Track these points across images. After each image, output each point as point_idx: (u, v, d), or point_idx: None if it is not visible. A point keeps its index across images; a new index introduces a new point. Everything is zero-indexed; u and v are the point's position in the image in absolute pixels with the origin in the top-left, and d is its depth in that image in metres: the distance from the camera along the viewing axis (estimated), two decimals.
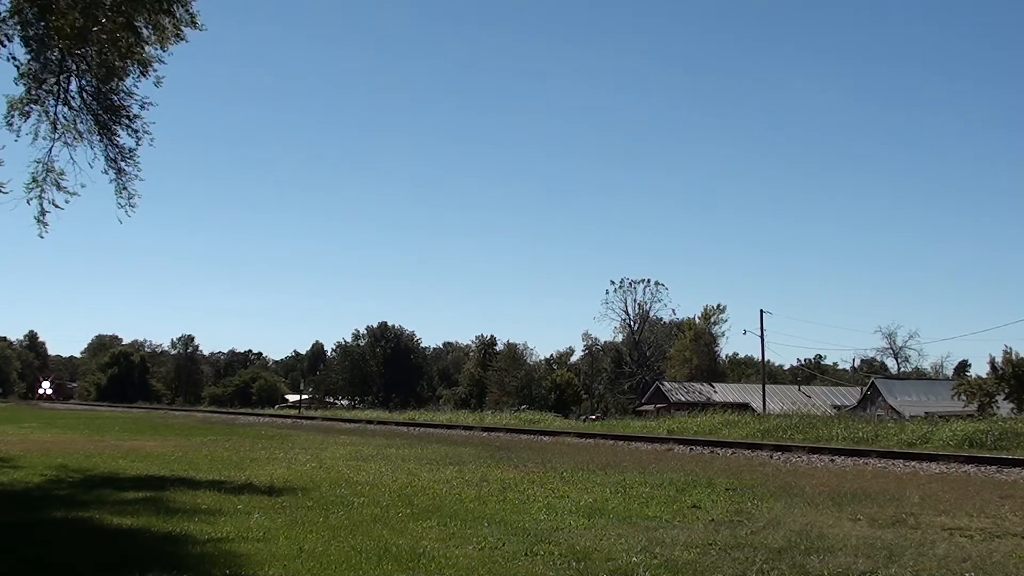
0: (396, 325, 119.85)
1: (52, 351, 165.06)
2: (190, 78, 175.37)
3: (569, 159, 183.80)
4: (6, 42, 13.62)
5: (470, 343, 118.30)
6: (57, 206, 14.69)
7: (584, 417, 55.84)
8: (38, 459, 15.90)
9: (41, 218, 14.65)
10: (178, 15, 14.13)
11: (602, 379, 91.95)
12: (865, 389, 71.58)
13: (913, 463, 16.94)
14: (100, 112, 14.83)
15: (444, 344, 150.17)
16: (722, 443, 21.91)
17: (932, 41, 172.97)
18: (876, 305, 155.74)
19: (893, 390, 67.59)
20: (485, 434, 27.77)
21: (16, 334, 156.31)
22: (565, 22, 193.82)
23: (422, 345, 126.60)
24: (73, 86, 14.71)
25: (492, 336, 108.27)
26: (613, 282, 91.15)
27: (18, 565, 6.73)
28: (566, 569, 6.81)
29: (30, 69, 14.08)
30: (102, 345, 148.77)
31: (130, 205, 15.17)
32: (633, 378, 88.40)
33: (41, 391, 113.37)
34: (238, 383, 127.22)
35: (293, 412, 65.24)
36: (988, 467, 15.93)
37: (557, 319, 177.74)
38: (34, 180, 14.57)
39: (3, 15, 13.41)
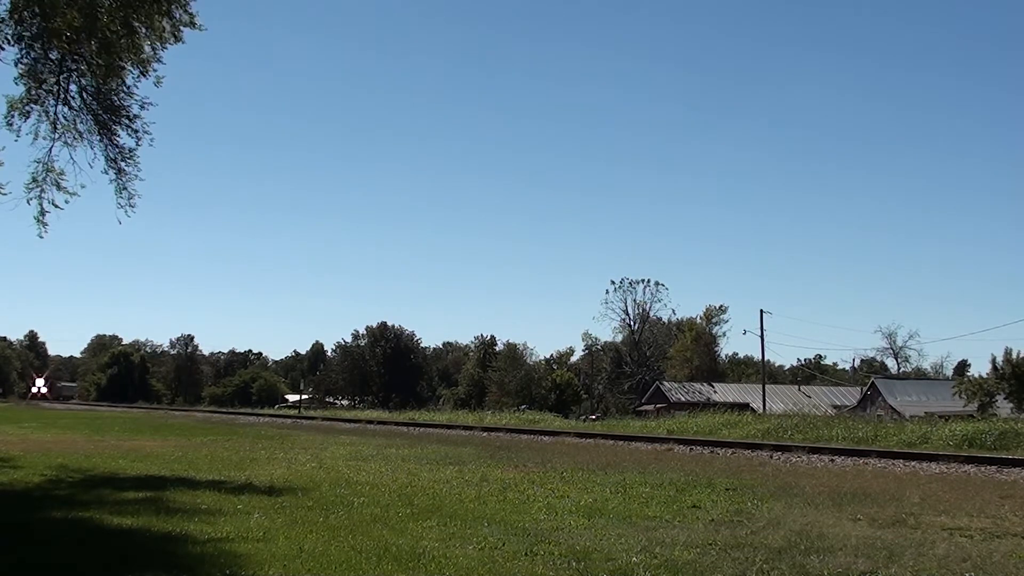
0: (396, 325, 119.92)
1: (52, 351, 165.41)
2: (190, 78, 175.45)
3: (570, 159, 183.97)
4: (5, 44, 13.63)
5: (470, 343, 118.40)
6: (57, 206, 14.71)
7: (584, 417, 55.83)
8: (38, 459, 15.90)
9: (41, 218, 14.66)
10: (177, 16, 14.14)
11: (602, 379, 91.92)
12: (865, 389, 71.60)
13: (913, 463, 16.94)
14: (100, 112, 14.83)
15: (444, 344, 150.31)
16: (722, 443, 21.90)
17: (933, 41, 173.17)
18: (876, 305, 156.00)
19: (893, 390, 67.62)
20: (485, 434, 27.75)
21: (16, 334, 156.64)
22: (566, 22, 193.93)
23: (422, 345, 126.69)
24: (73, 86, 14.71)
25: (492, 336, 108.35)
26: (613, 282, 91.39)
27: (18, 565, 6.73)
28: (566, 569, 6.81)
29: (30, 69, 14.08)
30: (102, 345, 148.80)
31: (130, 205, 15.19)
32: (633, 378, 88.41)
33: (35, 389, 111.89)
34: (238, 383, 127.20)
35: (293, 412, 65.21)
36: (988, 467, 15.92)
37: (557, 319, 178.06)
38: (34, 180, 14.58)
39: (2, 15, 13.42)
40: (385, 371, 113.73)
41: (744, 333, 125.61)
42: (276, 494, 10.94)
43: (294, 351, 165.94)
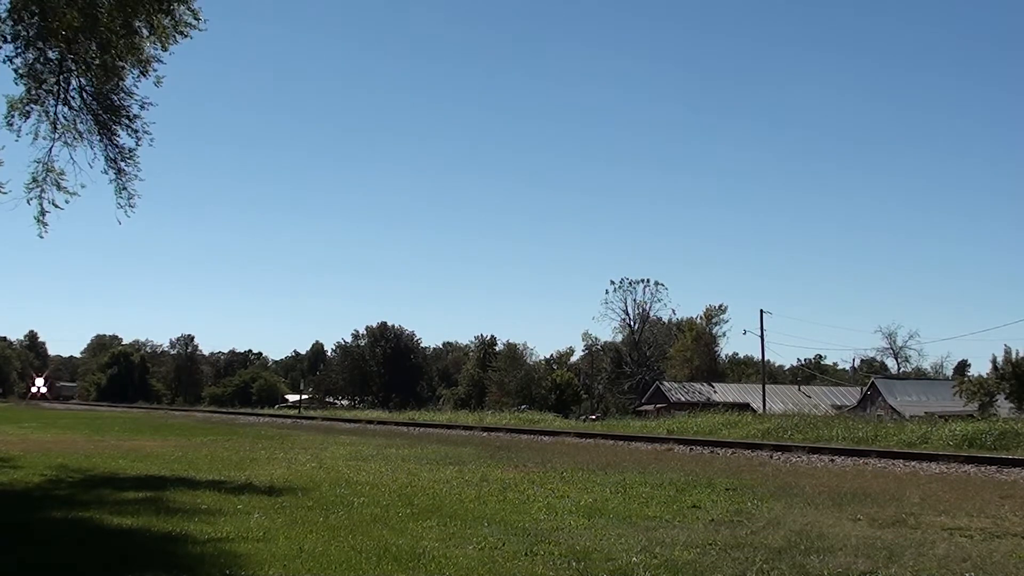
0: (396, 325, 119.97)
1: (52, 351, 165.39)
2: (190, 78, 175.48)
3: (570, 159, 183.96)
4: (5, 42, 13.62)
5: (470, 343, 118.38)
6: (57, 206, 14.72)
7: (584, 417, 55.81)
8: (38, 459, 15.90)
9: (41, 218, 14.68)
10: (178, 15, 14.14)
11: (602, 379, 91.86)
12: (865, 389, 71.57)
13: (913, 463, 16.94)
14: (100, 112, 14.84)
15: (444, 344, 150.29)
16: (722, 443, 21.90)
17: (933, 41, 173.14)
18: (876, 305, 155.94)
19: (893, 390, 67.59)
20: (485, 434, 27.75)
21: (16, 334, 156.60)
22: (566, 22, 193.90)
23: (422, 345, 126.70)
24: (73, 86, 14.72)
25: (492, 336, 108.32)
26: (613, 282, 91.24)
27: (18, 565, 6.73)
28: (566, 569, 6.81)
29: (30, 69, 14.08)
30: (102, 345, 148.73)
31: (130, 205, 15.20)
32: (633, 378, 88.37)
33: (35, 389, 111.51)
34: (238, 383, 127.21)
35: (293, 412, 65.20)
36: (988, 467, 15.92)
37: (557, 319, 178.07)
38: (34, 180, 14.59)
39: (1, 15, 13.42)
40: (385, 371, 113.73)
41: (744, 333, 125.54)
42: (276, 494, 10.94)
43: (294, 351, 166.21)
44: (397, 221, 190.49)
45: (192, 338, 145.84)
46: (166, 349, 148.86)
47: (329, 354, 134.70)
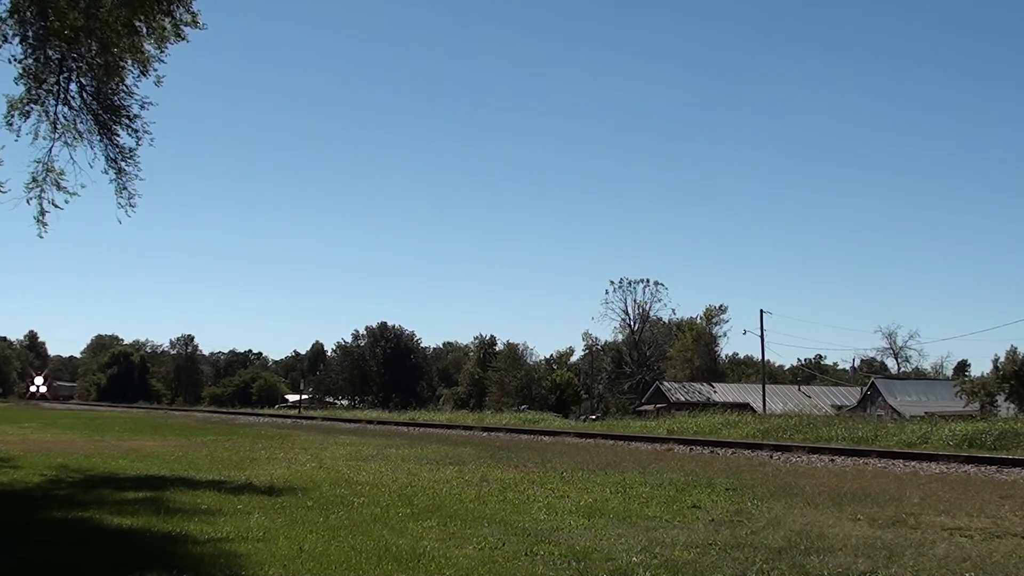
0: (396, 325, 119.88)
1: (52, 351, 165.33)
2: (190, 78, 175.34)
3: (569, 159, 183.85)
4: (7, 42, 13.63)
5: (470, 343, 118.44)
6: (57, 206, 14.70)
7: (584, 417, 55.82)
8: (38, 459, 15.90)
9: (41, 218, 14.67)
10: (177, 15, 14.13)
11: (602, 379, 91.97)
12: (865, 389, 71.58)
13: (913, 463, 16.94)
14: (100, 112, 14.82)
15: (444, 344, 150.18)
16: (722, 443, 21.91)
17: (932, 41, 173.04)
18: (876, 305, 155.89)
19: (893, 390, 67.60)
20: (485, 434, 27.76)
21: (16, 334, 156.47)
22: (566, 22, 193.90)
23: (422, 345, 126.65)
24: (73, 86, 14.70)
25: (492, 336, 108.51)
26: (613, 282, 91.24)
27: (18, 566, 6.73)
28: (566, 569, 6.81)
29: (30, 69, 14.08)
30: (102, 345, 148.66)
31: (130, 205, 15.17)
32: (633, 378, 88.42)
33: (34, 388, 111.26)
34: (238, 383, 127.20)
35: (293, 412, 65.19)
36: (988, 467, 15.93)
37: (557, 319, 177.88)
38: (34, 180, 14.58)
39: (2, 15, 13.42)
40: (385, 371, 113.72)
41: (744, 333, 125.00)
42: (276, 494, 10.95)
43: (294, 351, 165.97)
44: (397, 221, 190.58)
45: (192, 338, 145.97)
46: (166, 349, 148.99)
47: (329, 354, 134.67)
